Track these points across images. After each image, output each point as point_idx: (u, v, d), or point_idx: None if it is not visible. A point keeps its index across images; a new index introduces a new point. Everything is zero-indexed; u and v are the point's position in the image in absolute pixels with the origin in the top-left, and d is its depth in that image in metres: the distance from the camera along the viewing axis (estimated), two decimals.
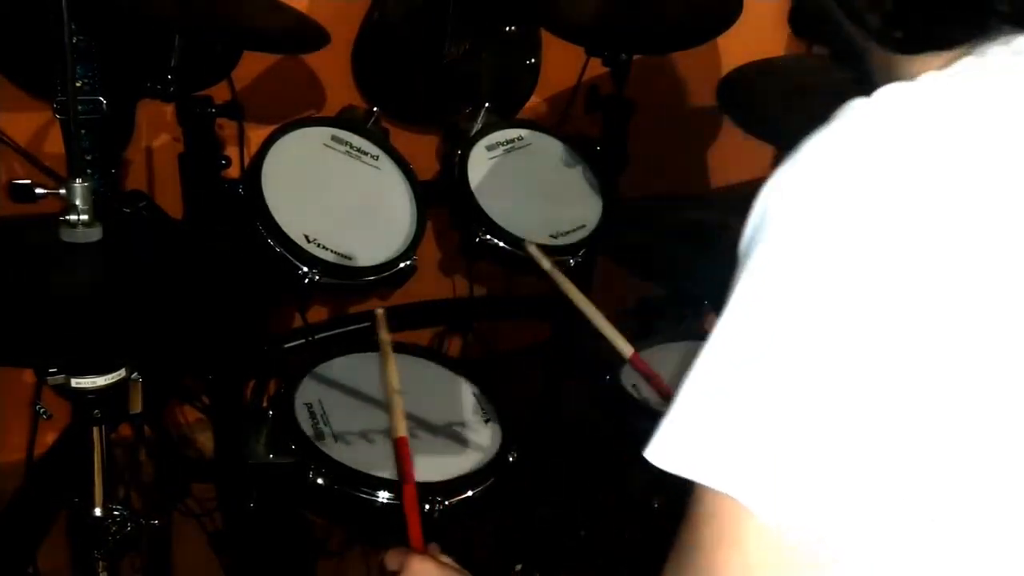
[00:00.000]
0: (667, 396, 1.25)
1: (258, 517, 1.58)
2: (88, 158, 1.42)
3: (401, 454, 1.20)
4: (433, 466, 1.41)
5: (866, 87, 0.68)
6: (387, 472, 1.37)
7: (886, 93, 0.64)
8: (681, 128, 2.60)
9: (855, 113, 0.64)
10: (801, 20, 0.81)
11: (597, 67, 1.96)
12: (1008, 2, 0.65)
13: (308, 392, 1.49)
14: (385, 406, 1.50)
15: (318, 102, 2.07)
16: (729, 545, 0.60)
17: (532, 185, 1.81)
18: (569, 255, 1.73)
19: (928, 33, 0.68)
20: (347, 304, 2.05)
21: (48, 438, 1.57)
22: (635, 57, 1.93)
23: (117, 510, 1.23)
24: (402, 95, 2.05)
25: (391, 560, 1.02)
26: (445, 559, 1.03)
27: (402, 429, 1.22)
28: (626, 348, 1.36)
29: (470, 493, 1.37)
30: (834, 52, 0.79)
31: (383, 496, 1.34)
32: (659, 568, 0.72)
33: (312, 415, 1.45)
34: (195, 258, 1.22)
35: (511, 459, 1.45)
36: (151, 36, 1.55)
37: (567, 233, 1.76)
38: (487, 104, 1.88)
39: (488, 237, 1.67)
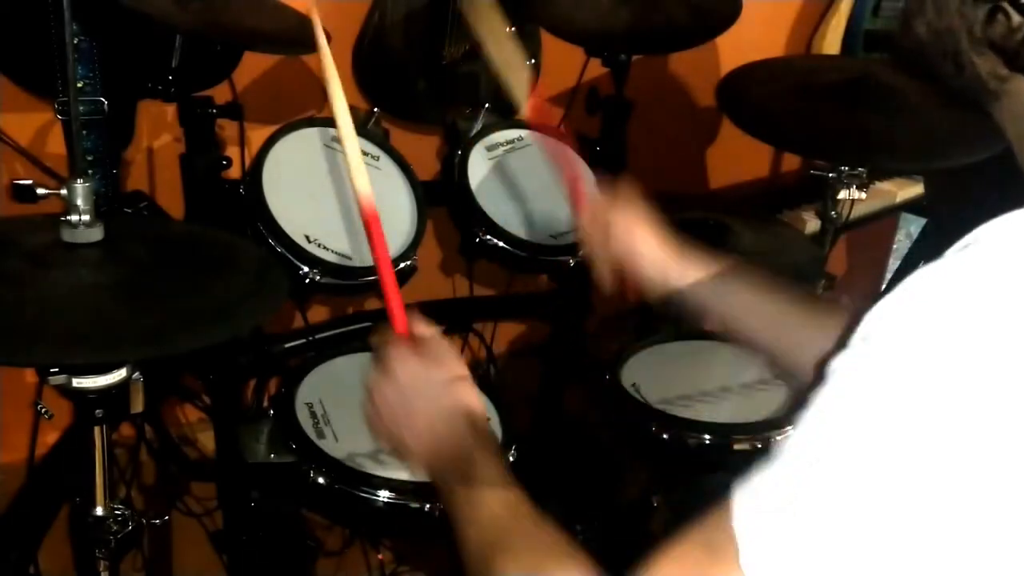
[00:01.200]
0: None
1: (258, 516, 1.58)
2: (89, 158, 1.43)
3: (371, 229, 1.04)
4: None
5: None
6: (388, 472, 1.37)
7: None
8: (681, 128, 2.60)
9: (999, 242, 0.61)
10: (909, 57, 0.78)
11: (597, 67, 1.96)
12: None
13: (309, 392, 1.50)
14: None
15: (318, 103, 2.07)
16: None
17: (532, 185, 1.81)
18: (569, 255, 1.74)
19: None
20: (347, 304, 2.05)
21: (49, 438, 1.57)
22: (635, 57, 1.94)
23: (118, 509, 1.23)
24: (402, 95, 2.05)
25: (375, 342, 0.95)
26: (432, 343, 0.93)
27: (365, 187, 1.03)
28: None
29: None
30: (950, 91, 0.75)
31: (383, 496, 1.34)
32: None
33: (313, 415, 1.45)
34: (196, 258, 1.22)
35: (511, 459, 1.45)
36: (152, 37, 1.55)
37: (567, 233, 1.76)
38: (487, 104, 1.89)
39: (488, 237, 1.68)
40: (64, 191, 1.09)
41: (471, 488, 0.85)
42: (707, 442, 1.48)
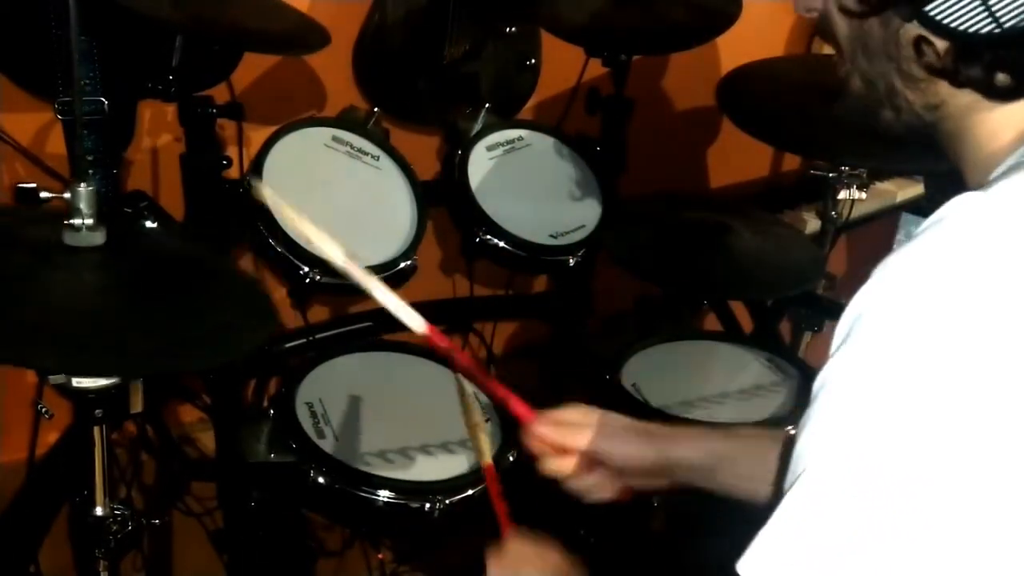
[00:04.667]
0: (467, 373, 1.15)
1: (258, 516, 1.58)
2: (90, 159, 1.43)
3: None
4: (433, 465, 1.41)
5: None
6: (387, 471, 1.37)
7: (996, 196, 0.62)
8: (681, 128, 2.60)
9: (961, 219, 0.62)
10: (855, 114, 0.81)
11: (597, 67, 1.96)
12: None
13: (309, 391, 1.50)
14: (393, 408, 1.51)
15: (319, 103, 2.07)
16: None
17: (532, 185, 1.81)
18: (569, 255, 1.74)
19: None
20: (347, 304, 2.05)
21: (50, 437, 1.57)
22: (635, 57, 1.94)
23: (118, 509, 1.23)
24: (402, 95, 2.05)
25: (490, 557, 1.00)
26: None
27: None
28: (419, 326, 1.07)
29: (470, 492, 1.38)
30: (897, 132, 0.78)
31: (383, 496, 1.34)
32: (658, 568, 0.72)
33: (313, 414, 1.45)
34: (196, 258, 1.22)
35: (511, 459, 1.45)
36: (152, 37, 1.55)
37: (567, 233, 1.76)
38: (487, 104, 1.89)
39: (488, 237, 1.68)
40: (67, 194, 1.09)
41: None
42: None
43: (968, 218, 0.62)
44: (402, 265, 1.57)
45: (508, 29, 2.09)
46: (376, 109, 1.76)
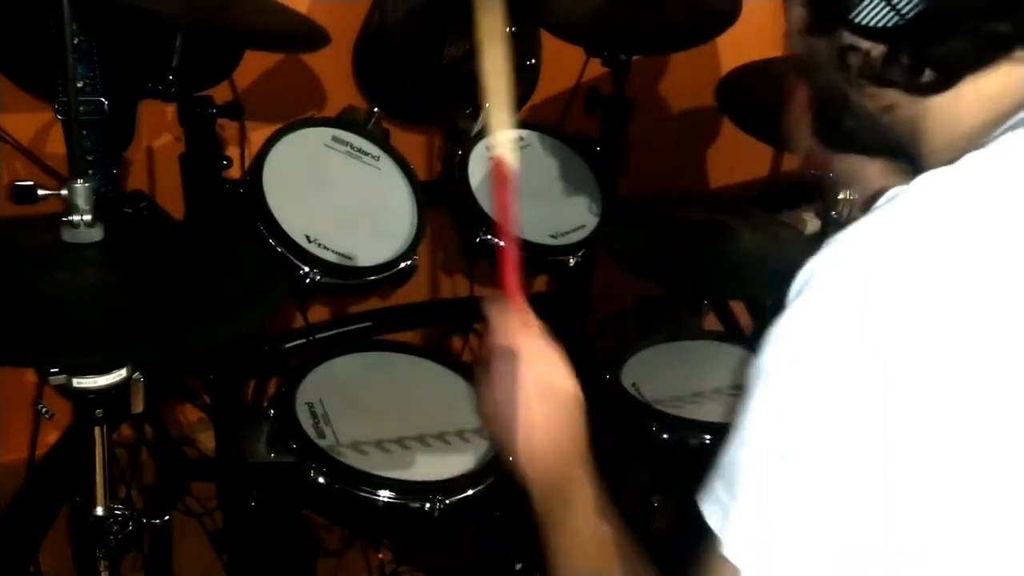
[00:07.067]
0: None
1: (258, 516, 1.58)
2: (90, 158, 1.43)
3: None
4: (433, 465, 1.41)
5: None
6: (387, 471, 1.37)
7: (924, 185, 0.63)
8: (681, 128, 2.60)
9: (894, 209, 0.62)
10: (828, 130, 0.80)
11: (597, 67, 1.96)
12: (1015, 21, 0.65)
13: (309, 391, 1.50)
14: (393, 408, 1.51)
15: (319, 102, 2.07)
16: None
17: (532, 185, 1.81)
18: (569, 255, 1.74)
19: (951, 62, 0.67)
20: (347, 304, 2.05)
21: (50, 437, 1.57)
22: (635, 57, 1.94)
23: (118, 509, 1.23)
24: (402, 95, 2.06)
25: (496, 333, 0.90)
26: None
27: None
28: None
29: (470, 492, 1.38)
30: (877, 148, 0.78)
31: (383, 496, 1.34)
32: (658, 568, 0.72)
33: (313, 414, 1.45)
34: (196, 258, 1.22)
35: (511, 458, 1.45)
36: (152, 36, 1.55)
37: (567, 233, 1.76)
38: (487, 104, 1.89)
39: (488, 237, 1.68)
40: (64, 192, 1.09)
41: (567, 511, 0.86)
42: (707, 442, 1.48)
43: (925, 192, 0.62)
44: (402, 265, 1.57)
45: (508, 29, 2.08)
46: (376, 109, 1.76)
